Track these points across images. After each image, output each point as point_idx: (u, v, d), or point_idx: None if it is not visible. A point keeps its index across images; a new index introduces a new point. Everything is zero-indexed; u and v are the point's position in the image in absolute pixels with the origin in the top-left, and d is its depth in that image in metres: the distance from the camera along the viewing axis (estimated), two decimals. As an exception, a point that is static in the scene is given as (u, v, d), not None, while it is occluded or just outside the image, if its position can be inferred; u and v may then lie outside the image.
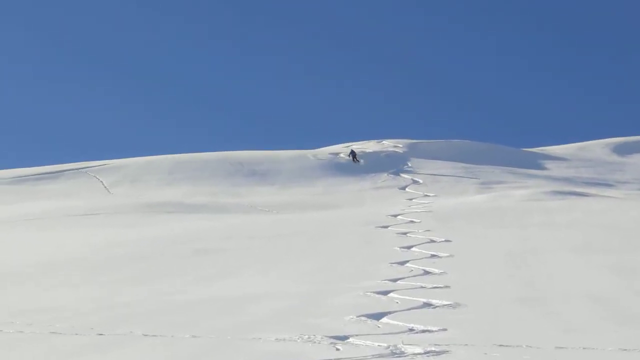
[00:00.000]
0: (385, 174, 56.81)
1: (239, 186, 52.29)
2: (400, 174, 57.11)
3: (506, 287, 17.05)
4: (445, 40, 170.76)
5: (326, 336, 12.10)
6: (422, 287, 16.93)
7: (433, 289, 16.57)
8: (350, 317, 13.69)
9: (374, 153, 64.08)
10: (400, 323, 13.20)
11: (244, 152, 65.10)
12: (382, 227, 29.18)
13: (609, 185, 53.87)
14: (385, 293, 16.12)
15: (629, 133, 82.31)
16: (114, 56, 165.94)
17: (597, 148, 76.53)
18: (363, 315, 13.76)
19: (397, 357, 10.93)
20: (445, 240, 24.92)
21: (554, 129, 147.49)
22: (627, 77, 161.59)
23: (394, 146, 67.90)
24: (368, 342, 11.74)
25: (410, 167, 59.50)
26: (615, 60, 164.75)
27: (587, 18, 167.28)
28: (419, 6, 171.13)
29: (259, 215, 36.96)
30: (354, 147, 64.02)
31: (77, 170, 57.42)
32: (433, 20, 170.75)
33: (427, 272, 18.97)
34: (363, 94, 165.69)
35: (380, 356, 10.93)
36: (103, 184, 52.87)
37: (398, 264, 20.38)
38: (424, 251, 22.67)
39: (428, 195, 46.27)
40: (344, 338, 12.04)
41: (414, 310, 14.35)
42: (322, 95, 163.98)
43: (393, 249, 23.31)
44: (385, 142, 70.57)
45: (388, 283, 17.40)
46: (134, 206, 39.57)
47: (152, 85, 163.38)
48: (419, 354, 11.01)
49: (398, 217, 33.11)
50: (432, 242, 24.82)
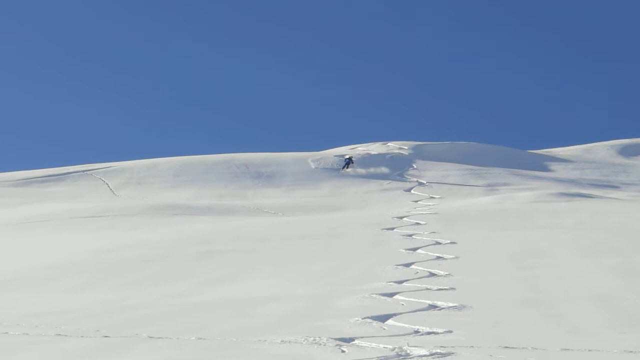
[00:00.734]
0: (391, 176, 56.81)
1: (244, 188, 52.31)
2: (406, 175, 57.11)
3: (512, 288, 17.05)
4: (450, 42, 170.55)
5: (332, 338, 12.12)
6: (427, 289, 16.94)
7: (438, 291, 16.59)
8: (356, 319, 13.71)
9: (378, 155, 64.06)
10: (406, 325, 13.22)
11: (249, 154, 65.10)
12: (387, 229, 29.19)
13: (615, 187, 53.80)
14: (391, 295, 16.14)
15: (634, 135, 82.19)
16: (121, 58, 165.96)
17: (602, 150, 76.44)
18: (368, 317, 13.78)
19: (403, 359, 10.95)
20: (451, 242, 24.93)
21: (559, 130, 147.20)
22: (633, 78, 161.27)
23: (399, 148, 67.86)
24: (373, 344, 11.76)
25: (416, 169, 59.48)
26: (621, 62, 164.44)
27: (591, 19, 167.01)
28: (424, 7, 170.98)
29: (265, 217, 36.98)
30: (353, 154, 62.99)
31: (82, 173, 57.46)
32: (438, 22, 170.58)
33: (432, 274, 18.99)
34: (368, 96, 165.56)
35: (386, 358, 10.95)
36: (109, 186, 52.89)
37: (403, 265, 20.40)
38: (429, 253, 22.68)
39: (434, 197, 46.26)
40: (350, 340, 12.06)
41: (419, 312, 14.37)
42: (327, 97, 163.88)
43: (398, 251, 23.33)
44: (390, 144, 70.54)
45: (393, 285, 17.42)
46: (140, 208, 39.59)
47: (157, 87, 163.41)
48: (424, 355, 11.03)
49: (404, 219, 33.12)
50: (438, 244, 24.83)
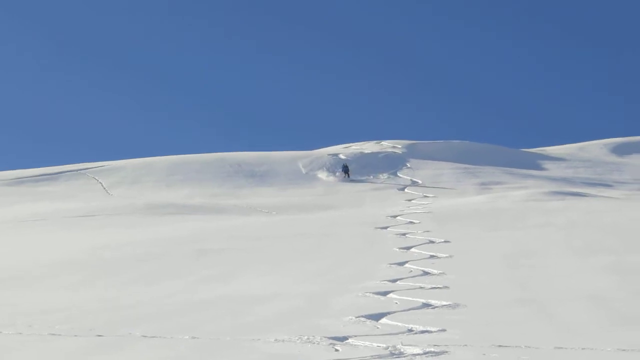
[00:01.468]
0: (385, 174, 56.85)
1: (238, 187, 52.28)
2: (399, 174, 57.14)
3: (505, 287, 17.08)
4: (443, 40, 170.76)
5: (325, 337, 12.13)
6: (421, 287, 16.96)
7: (432, 290, 16.61)
8: (350, 317, 13.72)
9: (372, 154, 64.07)
10: (400, 323, 13.24)
11: (242, 153, 65.08)
12: (381, 228, 29.21)
13: (608, 186, 53.86)
14: (385, 294, 16.15)
15: (627, 133, 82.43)
16: (115, 57, 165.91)
17: (595, 148, 76.55)
18: (362, 316, 13.79)
19: (396, 357, 10.97)
20: (444, 241, 24.94)
21: (552, 129, 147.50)
22: (626, 77, 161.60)
23: (393, 147, 67.89)
24: (367, 343, 11.78)
25: (410, 168, 59.49)
26: (614, 60, 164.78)
27: (585, 17, 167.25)
28: (417, 6, 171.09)
29: (259, 216, 36.97)
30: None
31: (75, 172, 57.39)
32: (431, 20, 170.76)
33: (426, 273, 19.00)
34: (362, 95, 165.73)
35: (380, 357, 10.97)
36: (102, 185, 52.85)
37: (397, 264, 20.41)
38: (423, 252, 22.70)
39: (427, 196, 46.27)
40: (343, 339, 12.07)
41: (413, 311, 14.38)
42: (321, 95, 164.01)
43: (392, 250, 23.34)
44: (384, 142, 70.57)
45: (387, 284, 17.44)
46: (134, 208, 39.55)
47: (151, 86, 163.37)
48: (418, 354, 11.04)
49: (397, 217, 33.14)
50: (431, 242, 24.84)
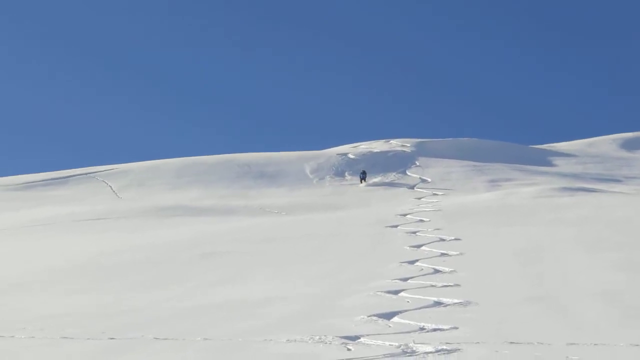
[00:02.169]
0: (394, 173, 56.80)
1: (247, 188, 52.30)
2: (408, 172, 57.07)
3: (516, 284, 17.04)
4: (452, 39, 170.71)
5: (337, 336, 12.11)
6: (432, 285, 16.93)
7: (443, 288, 16.58)
8: (361, 317, 13.70)
9: (381, 153, 64.03)
10: (411, 322, 13.22)
11: (251, 154, 65.11)
12: (391, 227, 29.18)
13: (618, 181, 53.77)
14: (396, 292, 16.13)
15: (636, 128, 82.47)
16: (122, 60, 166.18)
17: (605, 144, 76.47)
18: (374, 315, 13.77)
19: (409, 356, 10.94)
20: (455, 239, 24.90)
21: (561, 125, 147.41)
22: (634, 72, 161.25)
23: (402, 145, 67.85)
24: (379, 342, 11.76)
25: (419, 166, 59.43)
26: (622, 56, 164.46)
27: (593, 14, 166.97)
28: (426, 5, 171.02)
29: (269, 217, 36.96)
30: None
31: (85, 175, 57.50)
32: (439, 20, 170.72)
33: (437, 271, 18.97)
34: (370, 94, 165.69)
35: (392, 355, 10.94)
36: (112, 189, 52.89)
37: (408, 263, 20.39)
38: (433, 250, 22.67)
39: (437, 194, 46.22)
40: (355, 338, 12.05)
41: (424, 309, 14.36)
42: (329, 95, 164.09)
43: (403, 248, 23.32)
44: (392, 141, 70.54)
45: (398, 282, 17.41)
46: (143, 210, 39.58)
47: (158, 89, 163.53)
48: (430, 352, 11.02)
49: (407, 216, 33.11)
50: (442, 240, 24.81)
